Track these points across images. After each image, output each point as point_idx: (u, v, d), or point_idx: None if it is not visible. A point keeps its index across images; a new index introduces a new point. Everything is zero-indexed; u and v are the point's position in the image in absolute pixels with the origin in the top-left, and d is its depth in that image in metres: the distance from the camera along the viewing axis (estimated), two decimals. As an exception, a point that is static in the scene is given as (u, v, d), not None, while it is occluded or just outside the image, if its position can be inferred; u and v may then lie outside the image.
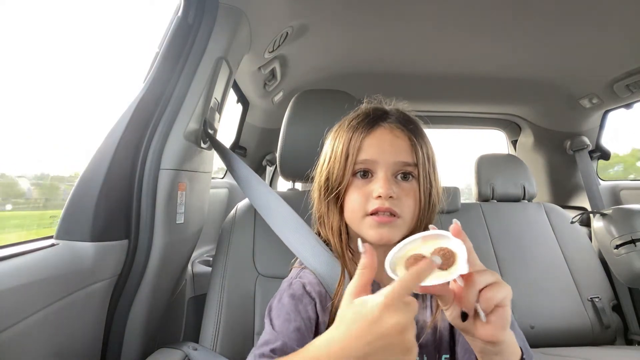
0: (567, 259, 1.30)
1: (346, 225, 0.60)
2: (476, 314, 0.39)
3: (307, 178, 0.69)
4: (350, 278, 0.52)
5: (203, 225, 0.96)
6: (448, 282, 0.41)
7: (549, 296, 1.22)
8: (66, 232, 0.62)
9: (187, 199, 0.79)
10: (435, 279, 0.37)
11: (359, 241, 0.42)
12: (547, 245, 1.32)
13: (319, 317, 0.56)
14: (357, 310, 0.35)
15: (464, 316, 0.40)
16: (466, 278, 0.39)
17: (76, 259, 0.59)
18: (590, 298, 1.23)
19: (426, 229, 0.51)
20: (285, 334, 0.51)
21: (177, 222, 0.76)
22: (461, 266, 0.37)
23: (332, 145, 0.60)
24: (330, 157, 0.59)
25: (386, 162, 0.54)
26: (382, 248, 0.57)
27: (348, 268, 0.59)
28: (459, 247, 0.38)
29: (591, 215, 1.43)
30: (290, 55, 1.26)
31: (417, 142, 0.56)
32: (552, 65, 1.34)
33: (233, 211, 0.95)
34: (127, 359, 0.70)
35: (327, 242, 0.65)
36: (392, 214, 0.53)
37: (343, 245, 0.60)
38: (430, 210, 0.57)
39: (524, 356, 0.43)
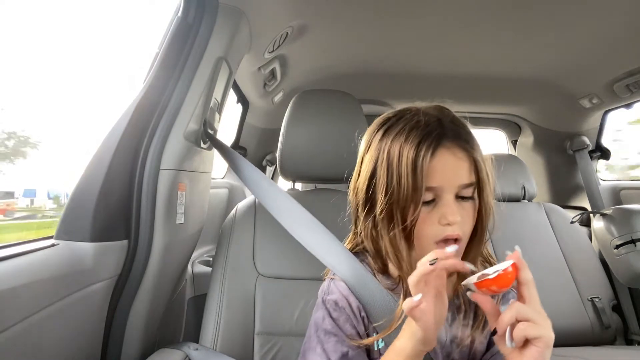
0: (567, 259, 1.30)
1: None
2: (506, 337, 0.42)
3: (322, 179, 0.66)
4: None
5: (203, 225, 0.96)
6: (494, 300, 0.47)
7: (549, 296, 1.22)
8: (66, 232, 0.62)
9: (187, 199, 0.79)
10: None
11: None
12: (547, 245, 1.32)
13: (357, 330, 0.57)
14: None
15: (494, 332, 0.44)
16: (512, 303, 0.42)
17: (76, 259, 0.59)
18: (590, 298, 1.23)
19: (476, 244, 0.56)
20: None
21: (177, 223, 0.76)
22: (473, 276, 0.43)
23: (386, 162, 0.53)
24: (387, 179, 0.52)
25: (451, 186, 0.51)
26: None
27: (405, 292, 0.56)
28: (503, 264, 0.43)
29: (591, 215, 1.43)
30: (290, 55, 1.26)
31: (478, 160, 0.53)
32: (552, 65, 1.33)
33: (233, 211, 0.95)
34: (127, 359, 0.70)
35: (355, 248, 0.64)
36: (456, 240, 0.51)
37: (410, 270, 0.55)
38: (484, 231, 0.55)
39: None
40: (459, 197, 0.52)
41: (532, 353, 0.40)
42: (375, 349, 0.57)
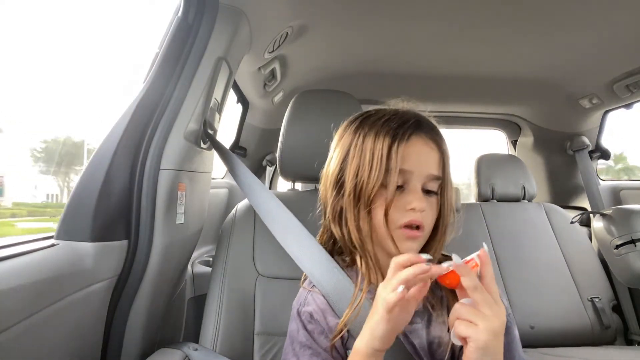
0: (567, 259, 1.30)
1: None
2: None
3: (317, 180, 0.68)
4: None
5: (203, 225, 0.96)
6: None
7: (549, 296, 1.22)
8: (66, 232, 0.62)
9: (187, 199, 0.79)
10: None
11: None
12: (547, 246, 1.32)
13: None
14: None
15: (449, 329, 0.45)
16: (456, 304, 0.44)
17: (76, 259, 0.59)
18: (590, 298, 1.23)
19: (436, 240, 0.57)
20: None
21: (177, 223, 0.76)
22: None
23: (360, 147, 0.54)
24: (360, 161, 0.54)
25: (421, 174, 0.53)
26: None
27: (367, 273, 0.57)
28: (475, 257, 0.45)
29: (591, 215, 1.43)
30: (290, 55, 1.26)
31: (447, 154, 0.56)
32: (552, 65, 1.33)
33: (233, 211, 0.95)
34: (127, 359, 0.70)
35: (331, 250, 0.64)
36: (418, 227, 0.53)
37: (374, 246, 0.56)
38: (446, 226, 0.56)
39: None
40: (425, 191, 0.54)
41: (467, 351, 0.42)
42: None
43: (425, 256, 0.45)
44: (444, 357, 0.55)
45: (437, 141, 0.56)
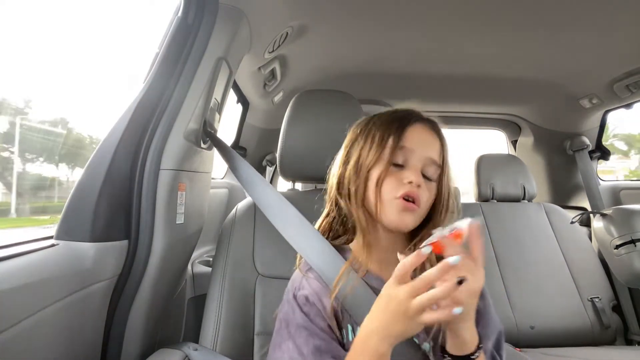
0: (567, 259, 1.30)
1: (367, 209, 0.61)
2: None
3: (322, 179, 0.69)
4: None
5: (203, 225, 0.96)
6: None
7: (549, 296, 1.22)
8: (66, 232, 0.62)
9: (187, 199, 0.79)
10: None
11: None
12: (547, 246, 1.32)
13: (329, 323, 0.57)
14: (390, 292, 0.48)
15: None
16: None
17: (76, 259, 0.59)
18: (590, 298, 1.23)
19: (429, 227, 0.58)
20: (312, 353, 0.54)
21: (177, 223, 0.76)
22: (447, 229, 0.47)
23: (367, 132, 0.61)
24: (364, 143, 0.60)
25: (421, 154, 0.59)
26: (394, 236, 0.61)
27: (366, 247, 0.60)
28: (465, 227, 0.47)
29: (591, 215, 1.43)
30: (290, 56, 1.26)
31: (446, 145, 0.62)
32: (552, 65, 1.34)
33: (233, 211, 0.95)
34: (127, 359, 0.70)
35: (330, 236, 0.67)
36: (414, 201, 0.57)
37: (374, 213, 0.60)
38: (444, 212, 0.61)
39: (480, 345, 0.51)
40: (424, 176, 0.59)
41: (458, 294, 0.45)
42: (350, 339, 0.56)
43: (425, 250, 0.47)
44: (439, 335, 0.55)
45: (439, 133, 0.62)
